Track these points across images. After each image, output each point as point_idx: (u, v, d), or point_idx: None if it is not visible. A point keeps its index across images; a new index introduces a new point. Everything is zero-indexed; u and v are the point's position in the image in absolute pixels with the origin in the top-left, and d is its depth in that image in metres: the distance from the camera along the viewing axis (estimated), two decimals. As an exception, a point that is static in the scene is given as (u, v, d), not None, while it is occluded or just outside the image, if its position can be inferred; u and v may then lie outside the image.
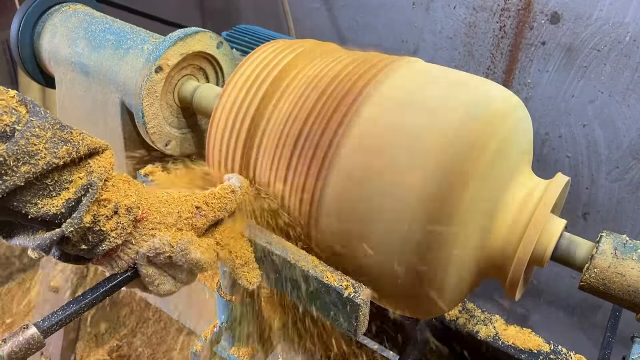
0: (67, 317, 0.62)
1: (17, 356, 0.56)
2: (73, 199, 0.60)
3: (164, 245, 0.66)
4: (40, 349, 0.59)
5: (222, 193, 0.73)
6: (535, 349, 0.96)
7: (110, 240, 0.64)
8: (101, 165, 0.63)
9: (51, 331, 0.60)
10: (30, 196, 0.58)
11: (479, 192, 0.69)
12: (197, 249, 0.67)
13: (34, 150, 0.56)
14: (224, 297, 0.88)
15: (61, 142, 0.59)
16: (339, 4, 1.92)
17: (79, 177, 0.61)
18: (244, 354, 0.94)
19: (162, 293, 0.70)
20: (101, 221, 0.63)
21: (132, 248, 0.67)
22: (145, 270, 0.67)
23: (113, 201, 0.64)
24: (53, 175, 0.59)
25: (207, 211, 0.71)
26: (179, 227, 0.68)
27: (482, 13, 1.62)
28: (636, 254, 0.69)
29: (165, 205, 0.69)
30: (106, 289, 0.66)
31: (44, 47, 1.09)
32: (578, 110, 1.57)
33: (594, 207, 1.68)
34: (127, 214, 0.65)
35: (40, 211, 0.58)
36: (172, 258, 0.67)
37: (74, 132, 0.61)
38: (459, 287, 0.76)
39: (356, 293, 0.68)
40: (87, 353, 1.92)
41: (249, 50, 1.15)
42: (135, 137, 1.02)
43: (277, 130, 0.79)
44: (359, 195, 0.71)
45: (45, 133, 0.58)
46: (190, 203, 0.70)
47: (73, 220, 0.60)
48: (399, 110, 0.73)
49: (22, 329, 0.58)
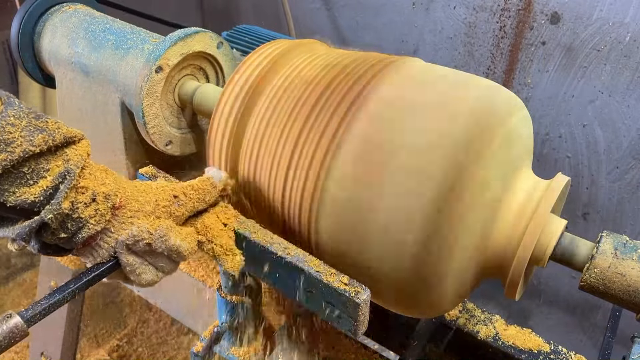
0: (51, 307, 0.62)
1: (0, 344, 0.56)
2: (51, 187, 0.61)
3: (142, 232, 0.67)
4: (24, 337, 0.59)
5: (200, 185, 0.74)
6: (535, 349, 0.96)
7: (89, 227, 0.65)
8: (78, 153, 0.64)
9: (34, 320, 0.60)
10: (8, 185, 0.59)
11: (479, 193, 0.69)
12: (176, 236, 0.69)
13: (10, 138, 0.58)
14: (224, 297, 0.88)
15: (37, 130, 0.60)
16: (339, 4, 1.92)
17: (56, 165, 0.62)
18: (244, 354, 0.94)
19: (143, 283, 0.71)
20: (79, 208, 0.64)
21: (111, 236, 0.67)
22: (126, 259, 0.68)
23: (91, 188, 0.65)
24: (30, 163, 0.60)
25: (185, 201, 0.72)
26: (157, 215, 0.69)
27: (482, 13, 1.62)
28: (636, 254, 0.69)
29: (143, 194, 0.70)
30: (89, 279, 0.66)
31: (44, 47, 1.09)
32: (578, 110, 1.57)
33: (594, 207, 1.68)
34: (105, 201, 0.66)
35: (18, 199, 0.59)
36: (152, 245, 0.68)
37: (49, 121, 0.62)
38: (459, 288, 0.76)
39: (356, 293, 0.68)
40: (87, 353, 1.92)
41: (249, 50, 1.15)
42: (136, 137, 1.02)
43: (277, 131, 0.79)
44: (359, 196, 0.71)
45: (20, 122, 0.59)
46: (168, 192, 0.71)
47: (52, 206, 0.61)
48: (398, 112, 0.73)
49: (5, 318, 0.58)
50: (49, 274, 1.42)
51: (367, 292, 0.69)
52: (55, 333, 1.45)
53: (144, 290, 1.26)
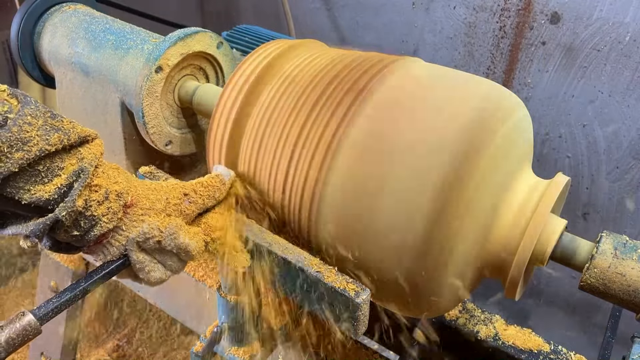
0: (62, 305, 0.63)
1: (14, 342, 0.57)
2: (65, 185, 0.62)
3: (153, 229, 0.68)
4: (37, 335, 0.60)
5: (210, 182, 0.75)
6: (535, 349, 0.96)
7: (101, 225, 0.66)
8: (91, 152, 0.65)
9: (47, 318, 0.62)
10: (23, 182, 0.60)
11: (478, 193, 0.69)
12: (185, 234, 0.69)
13: (27, 137, 0.58)
14: (224, 297, 0.88)
15: (53, 129, 0.61)
16: (339, 4, 1.92)
17: (70, 164, 0.63)
18: (244, 354, 0.94)
19: (152, 281, 0.71)
20: (93, 206, 0.64)
21: (122, 234, 0.68)
22: (136, 256, 0.69)
23: (104, 187, 0.65)
24: (45, 162, 0.61)
25: (196, 198, 0.72)
26: (167, 213, 0.70)
27: (482, 13, 1.62)
28: (636, 254, 0.69)
29: (154, 192, 0.71)
30: (100, 276, 0.67)
31: (44, 47, 1.09)
32: (578, 110, 1.57)
33: (594, 207, 1.67)
34: (118, 200, 0.66)
35: (33, 197, 0.60)
36: (162, 243, 0.69)
37: (64, 120, 0.63)
38: (459, 288, 0.76)
39: (356, 293, 0.68)
40: (87, 353, 1.92)
41: (249, 50, 1.15)
42: (136, 137, 1.02)
43: (277, 130, 0.79)
44: (359, 195, 0.71)
45: (37, 121, 0.60)
46: (179, 190, 0.72)
47: (66, 204, 0.62)
48: (398, 112, 0.73)
49: (18, 316, 0.59)
50: (49, 274, 1.42)
51: (367, 292, 0.69)
52: (56, 333, 1.45)
53: (143, 290, 1.26)
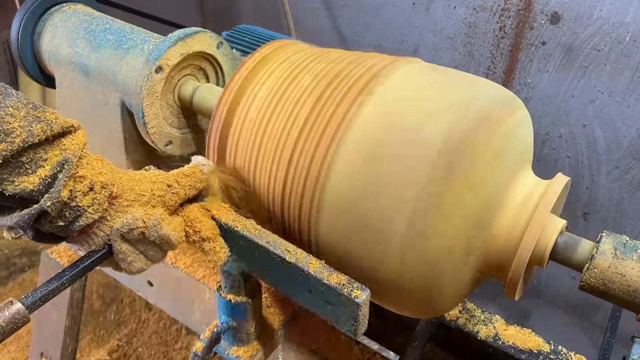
0: (50, 293, 0.64)
1: (3, 330, 0.58)
2: (49, 176, 0.62)
3: (137, 220, 0.68)
4: (25, 324, 0.61)
5: (190, 171, 0.75)
6: (535, 349, 0.96)
7: (87, 215, 0.66)
8: (75, 143, 0.65)
9: (35, 306, 0.62)
10: (7, 174, 0.60)
11: (479, 192, 0.69)
12: (168, 225, 0.70)
13: (9, 128, 0.58)
14: (224, 297, 0.88)
15: (35, 120, 0.61)
16: (339, 4, 1.92)
17: (54, 155, 0.63)
18: (244, 354, 0.94)
19: (133, 271, 0.72)
20: (78, 197, 0.65)
21: (107, 225, 0.68)
22: (119, 246, 0.69)
23: (88, 177, 0.66)
24: (29, 153, 0.61)
25: (178, 189, 0.73)
26: (152, 204, 0.71)
27: (482, 13, 1.62)
28: (636, 254, 0.69)
29: (138, 183, 0.71)
30: (85, 265, 0.68)
31: (44, 47, 1.09)
32: (578, 110, 1.57)
33: (594, 207, 1.67)
34: (103, 190, 0.67)
35: (17, 188, 0.60)
36: (145, 233, 0.69)
37: (47, 111, 0.63)
38: (458, 288, 0.76)
39: (356, 293, 0.68)
40: (87, 353, 1.92)
41: (249, 50, 1.15)
42: (136, 137, 1.02)
43: (277, 131, 0.79)
44: (359, 197, 0.71)
45: (19, 112, 0.60)
46: (162, 181, 0.73)
47: (51, 194, 0.62)
48: (398, 111, 0.73)
49: (7, 305, 0.59)
50: (49, 274, 1.42)
51: (367, 292, 0.69)
52: (56, 333, 1.45)
53: (143, 290, 1.26)
